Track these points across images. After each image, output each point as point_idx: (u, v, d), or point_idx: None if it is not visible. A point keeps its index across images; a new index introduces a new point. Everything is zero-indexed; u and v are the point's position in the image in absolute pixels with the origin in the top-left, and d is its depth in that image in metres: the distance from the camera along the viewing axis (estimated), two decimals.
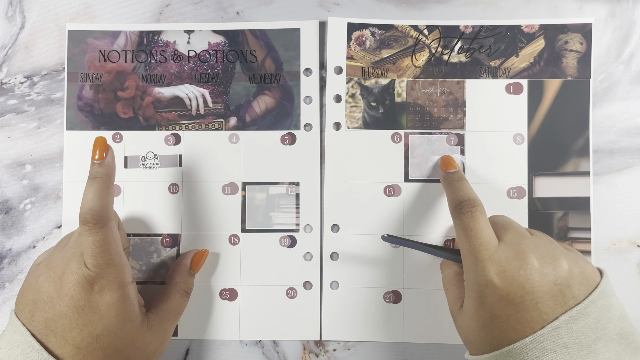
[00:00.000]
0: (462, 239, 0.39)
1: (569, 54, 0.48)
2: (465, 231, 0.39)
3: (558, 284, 0.36)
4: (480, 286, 0.37)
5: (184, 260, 0.46)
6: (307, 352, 0.48)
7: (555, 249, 0.38)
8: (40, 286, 0.38)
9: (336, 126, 0.49)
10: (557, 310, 0.35)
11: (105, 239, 0.38)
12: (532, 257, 0.37)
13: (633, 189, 0.48)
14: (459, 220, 0.40)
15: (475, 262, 0.38)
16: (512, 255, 0.37)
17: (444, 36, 0.48)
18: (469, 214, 0.39)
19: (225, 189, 0.49)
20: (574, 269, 0.37)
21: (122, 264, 0.39)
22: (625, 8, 0.49)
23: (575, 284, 0.36)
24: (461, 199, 0.41)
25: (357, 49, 0.49)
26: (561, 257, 0.37)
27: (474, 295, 0.38)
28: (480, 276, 0.37)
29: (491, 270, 0.37)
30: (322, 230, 0.48)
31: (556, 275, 0.36)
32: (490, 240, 0.38)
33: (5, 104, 0.50)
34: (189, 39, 0.49)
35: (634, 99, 0.48)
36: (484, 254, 0.37)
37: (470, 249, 0.38)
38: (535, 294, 0.35)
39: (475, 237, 0.38)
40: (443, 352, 0.48)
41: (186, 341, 0.48)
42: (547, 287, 0.35)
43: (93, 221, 0.37)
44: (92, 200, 0.38)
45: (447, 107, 0.48)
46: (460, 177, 0.44)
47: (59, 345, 0.37)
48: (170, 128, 0.49)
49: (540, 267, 0.36)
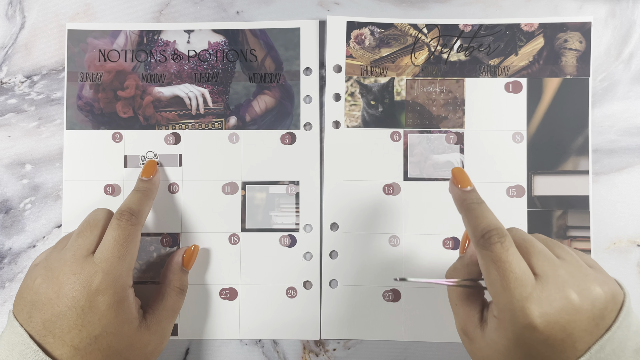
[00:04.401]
0: (494, 273, 0.35)
1: (568, 53, 0.48)
2: (496, 264, 0.35)
3: (595, 318, 0.34)
4: (519, 327, 0.34)
5: (175, 259, 0.46)
6: (307, 351, 0.48)
7: (587, 274, 0.36)
8: (38, 287, 0.38)
9: (335, 125, 0.49)
10: (590, 341, 0.34)
11: (129, 236, 0.40)
12: (572, 292, 0.34)
13: (633, 188, 0.48)
14: (489, 252, 0.36)
15: (511, 300, 0.34)
16: (553, 293, 0.34)
17: (443, 35, 0.48)
18: (499, 244, 0.36)
19: (225, 189, 0.49)
20: (607, 295, 0.34)
21: (130, 265, 0.40)
22: (625, 8, 0.49)
23: (608, 313, 0.34)
24: (487, 228, 0.37)
25: (356, 47, 0.49)
26: (594, 283, 0.35)
27: (509, 335, 0.35)
28: (519, 317, 0.34)
29: (533, 312, 0.33)
30: (322, 226, 0.48)
31: (594, 309, 0.34)
32: (526, 275, 0.35)
33: (5, 103, 0.50)
34: (189, 39, 0.49)
35: (634, 99, 0.48)
36: (521, 292, 0.34)
37: (504, 286, 0.34)
38: (575, 335, 0.33)
39: (510, 271, 0.35)
40: (442, 351, 0.47)
41: (186, 341, 0.48)
42: (585, 324, 0.33)
43: (127, 216, 0.41)
44: (131, 201, 0.43)
45: (446, 106, 0.48)
46: (478, 199, 0.40)
47: (57, 346, 0.37)
48: (170, 127, 0.49)
49: (581, 304, 0.34)
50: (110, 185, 0.49)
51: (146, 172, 0.47)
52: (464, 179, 0.41)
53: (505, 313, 0.35)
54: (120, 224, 0.40)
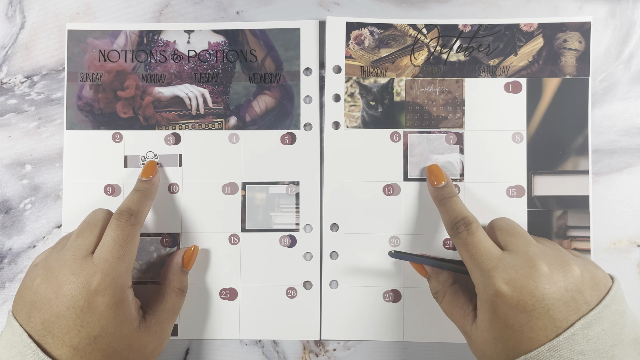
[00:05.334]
0: (465, 255, 0.40)
1: (567, 53, 0.48)
2: (465, 247, 0.39)
3: (569, 290, 0.35)
4: (491, 296, 0.37)
5: (175, 259, 0.46)
6: (307, 351, 0.48)
7: (564, 255, 0.38)
8: (37, 287, 0.38)
9: (335, 125, 0.49)
10: (571, 317, 0.35)
11: (128, 236, 0.40)
12: (541, 263, 0.36)
13: (633, 188, 0.48)
14: (458, 239, 0.40)
15: (481, 273, 0.38)
16: (520, 263, 0.37)
17: (442, 35, 0.48)
18: (465, 232, 0.40)
19: (225, 189, 0.49)
20: (584, 274, 0.36)
21: (129, 266, 0.40)
22: (625, 8, 0.49)
23: (587, 290, 0.36)
24: (455, 219, 0.41)
25: (355, 48, 0.49)
26: (571, 262, 0.37)
27: (487, 306, 0.37)
28: (488, 287, 0.37)
29: (498, 279, 0.37)
30: (322, 227, 0.48)
31: (567, 281, 0.36)
32: (492, 249, 0.38)
33: (5, 103, 0.50)
34: (189, 39, 0.49)
35: (634, 99, 0.48)
36: (487, 264, 0.38)
37: (473, 262, 0.39)
38: (546, 301, 0.35)
39: (475, 249, 0.39)
40: (443, 351, 0.48)
41: (186, 341, 0.48)
42: (558, 294, 0.35)
43: (126, 216, 0.41)
44: (130, 202, 0.43)
45: (446, 106, 0.48)
46: (450, 192, 0.44)
47: (57, 346, 0.37)
48: (170, 128, 0.49)
49: (550, 274, 0.36)
50: (110, 186, 0.49)
51: (146, 172, 0.47)
52: (439, 175, 0.46)
53: (479, 287, 0.38)
54: (119, 224, 0.40)
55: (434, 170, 0.46)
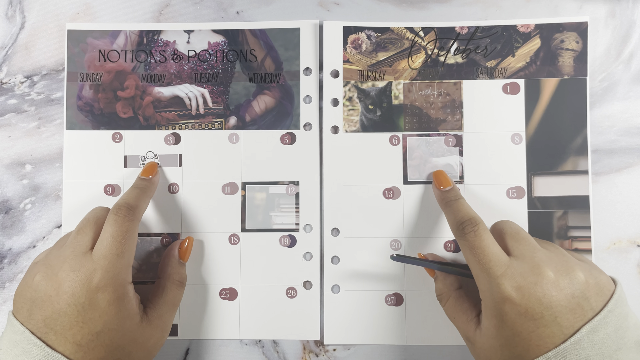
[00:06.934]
0: (471, 259, 0.39)
1: (565, 53, 0.48)
2: (472, 250, 0.39)
3: (576, 297, 0.35)
4: (499, 304, 0.37)
5: (172, 252, 0.46)
6: (307, 351, 0.48)
7: (569, 260, 0.38)
8: (37, 285, 0.38)
9: (334, 130, 0.49)
10: (577, 323, 0.35)
11: (127, 232, 0.40)
12: (548, 270, 0.36)
13: (633, 188, 0.48)
14: (464, 241, 0.40)
15: (489, 279, 0.37)
16: (527, 269, 0.37)
17: (439, 37, 0.48)
18: (472, 233, 0.39)
19: (225, 189, 0.49)
20: (589, 280, 0.36)
21: (129, 261, 0.40)
22: (625, 8, 0.49)
23: (592, 295, 0.36)
24: (461, 220, 0.41)
25: (353, 52, 0.49)
26: (576, 268, 0.37)
27: (493, 313, 0.37)
28: (496, 293, 0.37)
29: (507, 286, 0.36)
30: (322, 231, 0.48)
31: (573, 287, 0.36)
32: (499, 255, 0.38)
33: (5, 103, 0.50)
34: (189, 39, 0.49)
35: (634, 99, 0.48)
36: (496, 271, 0.37)
37: (481, 268, 0.38)
38: (553, 308, 0.35)
39: (483, 254, 0.38)
40: (444, 354, 0.48)
41: (186, 341, 0.48)
42: (565, 301, 0.35)
43: (125, 211, 0.41)
44: (128, 197, 0.43)
45: (444, 109, 0.48)
46: (456, 195, 0.44)
47: (59, 342, 0.37)
48: (170, 128, 0.49)
49: (557, 280, 0.36)
50: (110, 186, 0.49)
51: (146, 172, 0.47)
52: (444, 180, 0.46)
53: (485, 294, 0.38)
54: (117, 219, 0.40)
55: (439, 175, 0.46)
